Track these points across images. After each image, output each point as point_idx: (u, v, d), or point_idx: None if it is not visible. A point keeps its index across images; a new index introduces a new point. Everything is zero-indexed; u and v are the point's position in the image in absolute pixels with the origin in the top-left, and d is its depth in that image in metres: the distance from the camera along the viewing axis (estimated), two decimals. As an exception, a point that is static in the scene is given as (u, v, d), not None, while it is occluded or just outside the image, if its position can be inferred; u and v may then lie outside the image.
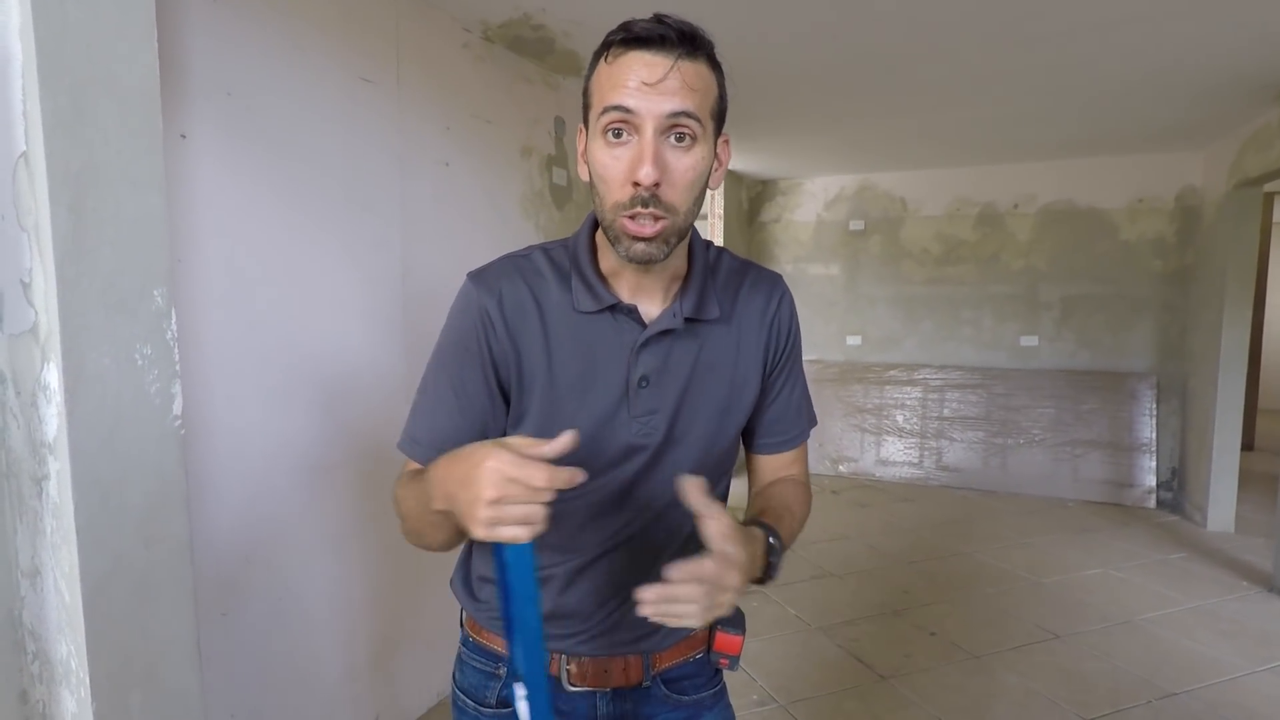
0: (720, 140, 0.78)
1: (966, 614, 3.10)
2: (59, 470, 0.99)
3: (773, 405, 0.90)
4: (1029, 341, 5.06)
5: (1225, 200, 4.06)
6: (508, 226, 2.68)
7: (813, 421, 0.95)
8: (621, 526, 0.85)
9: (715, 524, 0.67)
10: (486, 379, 0.81)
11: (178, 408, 1.12)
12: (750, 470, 0.97)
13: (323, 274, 1.94)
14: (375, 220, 2.11)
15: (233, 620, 1.70)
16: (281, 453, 1.83)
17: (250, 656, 1.75)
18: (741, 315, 0.86)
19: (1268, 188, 4.96)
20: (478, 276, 0.82)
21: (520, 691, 0.71)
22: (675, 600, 0.64)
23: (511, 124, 2.68)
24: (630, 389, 0.80)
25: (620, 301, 0.80)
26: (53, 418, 0.99)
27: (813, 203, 5.66)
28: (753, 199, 5.85)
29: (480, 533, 0.62)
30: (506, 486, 0.60)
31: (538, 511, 0.61)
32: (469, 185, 2.49)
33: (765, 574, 0.76)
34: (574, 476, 0.62)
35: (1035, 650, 2.78)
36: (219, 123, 1.64)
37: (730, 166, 5.10)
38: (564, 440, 0.64)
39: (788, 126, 3.99)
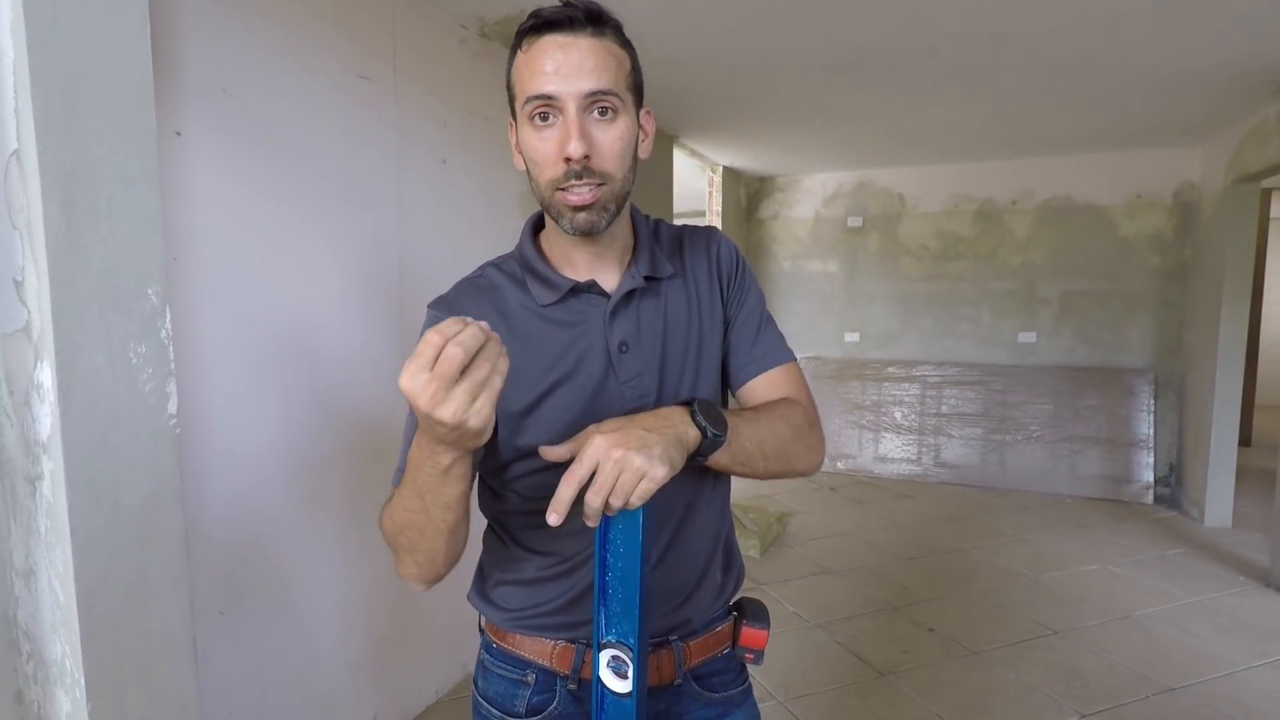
0: (642, 112, 0.82)
1: (965, 610, 3.10)
2: (53, 470, 0.99)
3: (735, 332, 0.91)
4: (1027, 338, 5.07)
5: (1223, 196, 4.05)
6: (504, 223, 2.67)
7: (789, 355, 0.93)
8: None
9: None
10: None
11: (173, 406, 1.11)
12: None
13: (319, 271, 1.93)
14: (372, 217, 2.10)
15: (230, 619, 1.70)
16: (278, 450, 1.82)
17: (247, 655, 1.75)
18: (691, 268, 0.90)
19: (1266, 183, 4.97)
20: (438, 304, 0.85)
21: (605, 657, 0.72)
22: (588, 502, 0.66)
23: (508, 121, 2.66)
24: (613, 357, 0.82)
25: (578, 282, 0.83)
26: (46, 417, 0.98)
27: (811, 199, 5.66)
28: (751, 196, 5.84)
29: (443, 413, 0.59)
30: (421, 385, 0.58)
31: (476, 374, 0.59)
32: (466, 181, 2.48)
33: (705, 437, 0.74)
34: (458, 321, 0.59)
35: (1033, 646, 2.78)
36: (214, 119, 1.63)
37: (727, 163, 5.09)
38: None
39: (785, 123, 3.98)
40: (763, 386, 0.90)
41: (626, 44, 0.79)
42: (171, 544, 1.12)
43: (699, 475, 0.85)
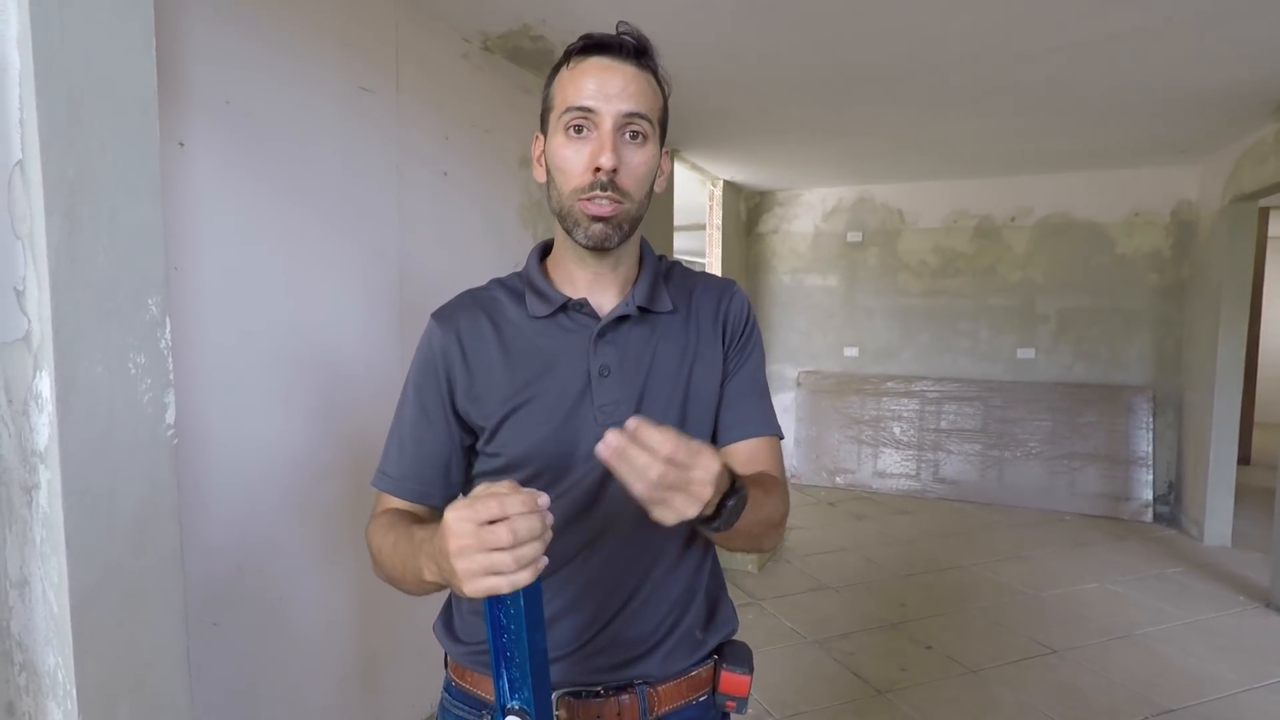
0: (664, 151, 0.85)
1: (963, 628, 3.09)
2: (49, 479, 0.98)
3: (730, 390, 0.88)
4: (1026, 354, 5.07)
5: (1221, 214, 4.07)
6: (505, 236, 2.68)
7: (777, 430, 0.90)
8: (600, 529, 0.82)
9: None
10: (445, 410, 0.84)
11: (170, 417, 1.11)
12: None
13: (319, 282, 1.94)
14: (373, 229, 2.10)
15: (224, 631, 1.69)
16: (275, 462, 1.82)
17: (241, 668, 1.73)
18: (696, 310, 0.89)
19: (1263, 202, 4.99)
20: (438, 315, 0.87)
21: None
22: (632, 458, 0.60)
23: (510, 134, 2.68)
24: (592, 379, 0.82)
25: (571, 299, 0.84)
26: (44, 426, 0.98)
27: (810, 214, 5.68)
28: (750, 210, 5.86)
29: (467, 590, 0.60)
30: (467, 534, 0.59)
31: (511, 556, 0.58)
32: (467, 194, 2.49)
33: (716, 512, 0.68)
34: (533, 499, 0.60)
35: (1032, 665, 2.76)
36: (217, 131, 1.64)
37: (728, 177, 5.12)
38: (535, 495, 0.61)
39: (786, 138, 4.00)
40: (745, 452, 0.87)
41: (662, 86, 0.83)
42: (167, 554, 1.12)
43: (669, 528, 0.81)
